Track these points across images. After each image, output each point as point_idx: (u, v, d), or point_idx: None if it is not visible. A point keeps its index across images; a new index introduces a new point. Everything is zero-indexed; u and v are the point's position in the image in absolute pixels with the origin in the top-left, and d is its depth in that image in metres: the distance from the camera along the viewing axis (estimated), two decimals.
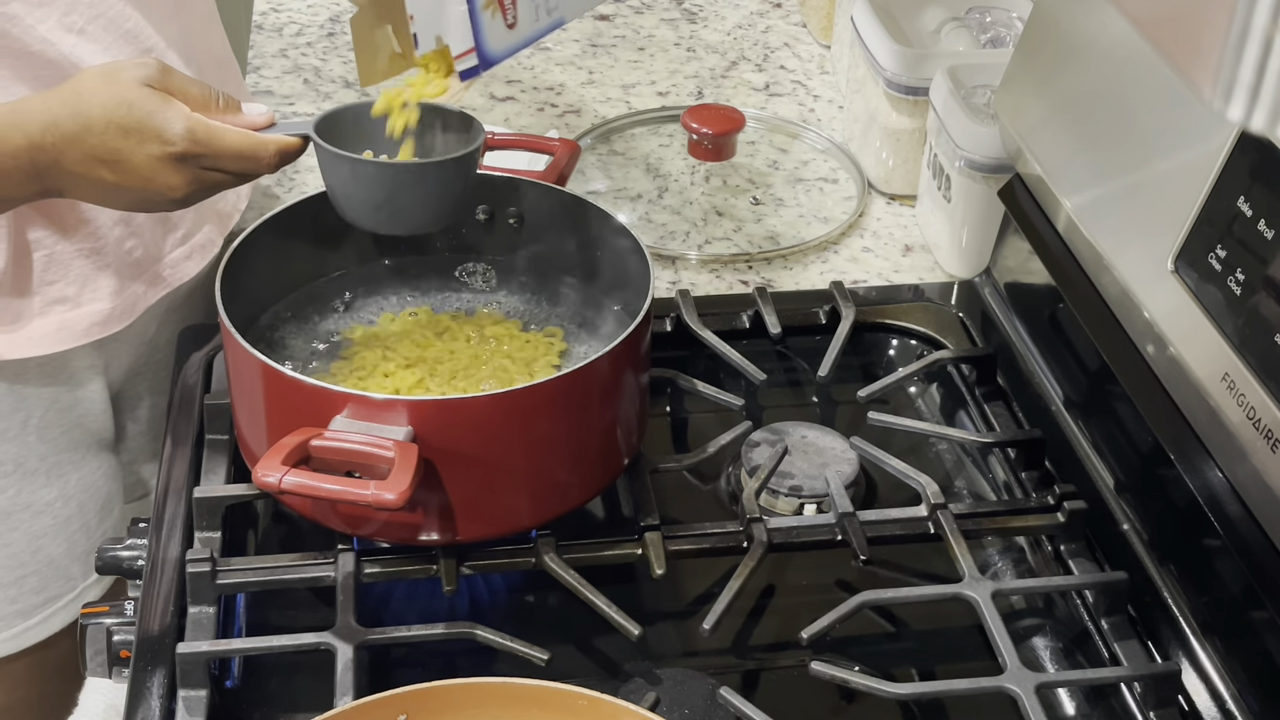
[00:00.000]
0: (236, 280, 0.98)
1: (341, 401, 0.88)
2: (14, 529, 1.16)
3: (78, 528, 1.19)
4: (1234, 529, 0.86)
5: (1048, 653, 0.98)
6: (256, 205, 1.37)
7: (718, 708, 0.89)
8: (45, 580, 1.19)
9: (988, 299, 1.21)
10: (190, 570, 0.93)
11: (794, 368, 1.20)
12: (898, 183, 1.41)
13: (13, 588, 1.18)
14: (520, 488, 0.93)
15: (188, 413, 1.09)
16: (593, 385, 0.93)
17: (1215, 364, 0.84)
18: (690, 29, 1.72)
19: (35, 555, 1.18)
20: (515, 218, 1.08)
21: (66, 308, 1.11)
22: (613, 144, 1.48)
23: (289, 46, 1.65)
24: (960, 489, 1.10)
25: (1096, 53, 1.01)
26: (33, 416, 1.14)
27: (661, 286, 1.27)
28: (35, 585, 1.19)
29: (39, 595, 1.19)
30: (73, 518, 1.19)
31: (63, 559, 1.19)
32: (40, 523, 1.17)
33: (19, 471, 1.15)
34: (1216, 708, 0.89)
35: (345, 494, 0.85)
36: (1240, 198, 0.83)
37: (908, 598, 0.96)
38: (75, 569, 1.20)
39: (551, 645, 0.90)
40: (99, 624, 0.99)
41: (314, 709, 0.82)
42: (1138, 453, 0.99)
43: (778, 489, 1.04)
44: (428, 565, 0.95)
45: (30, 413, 1.14)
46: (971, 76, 1.26)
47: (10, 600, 1.18)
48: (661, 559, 0.95)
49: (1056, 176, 1.04)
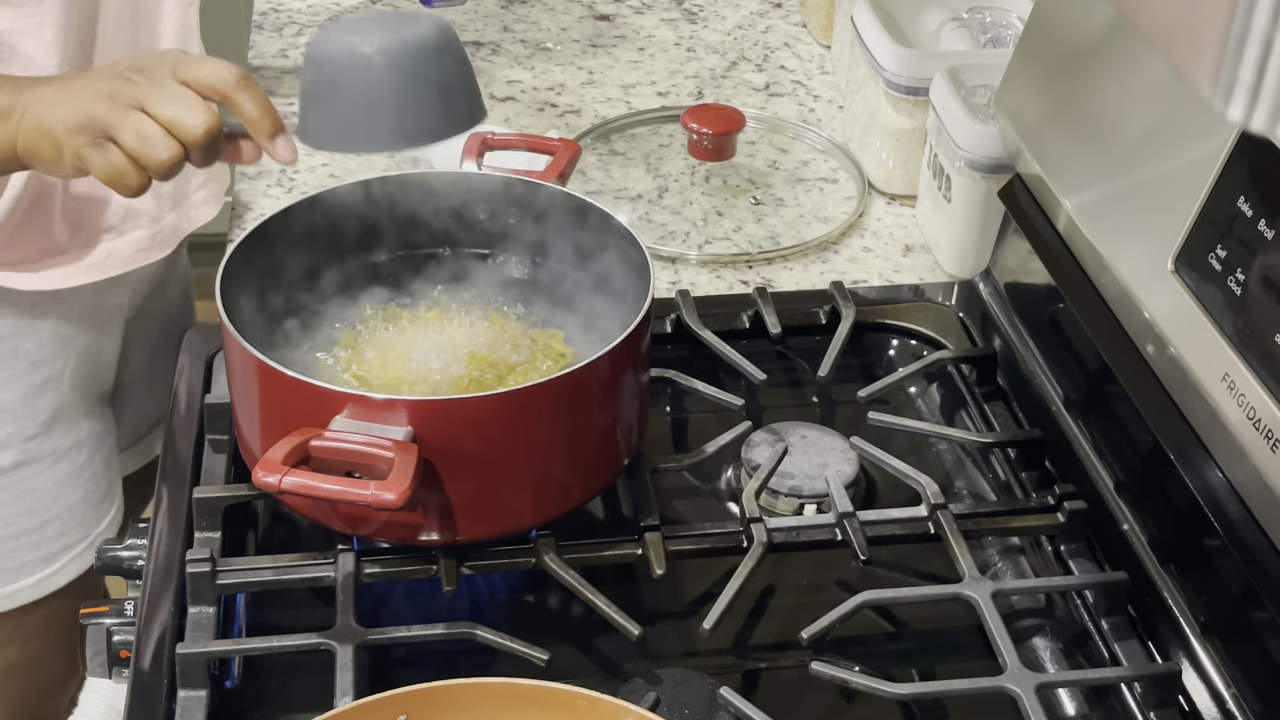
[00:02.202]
0: (236, 280, 0.98)
1: (341, 401, 0.88)
2: (39, 474, 1.22)
3: (89, 475, 1.26)
4: (1234, 529, 0.86)
5: (1048, 653, 0.98)
6: (256, 206, 1.37)
7: (718, 708, 0.89)
8: (65, 526, 1.25)
9: (988, 299, 1.21)
10: (190, 570, 0.93)
11: (794, 368, 1.20)
12: (898, 183, 1.41)
13: (37, 533, 1.24)
14: (520, 488, 0.93)
15: (188, 413, 1.09)
16: (593, 385, 0.93)
17: (1215, 364, 0.84)
18: (690, 29, 1.72)
19: (56, 501, 1.24)
20: (515, 218, 1.08)
21: (112, 236, 1.19)
22: (613, 144, 1.48)
23: (289, 46, 1.65)
24: (960, 489, 1.10)
25: (1096, 53, 1.01)
26: (69, 364, 1.22)
27: (661, 286, 1.27)
28: (56, 531, 1.25)
29: (59, 541, 1.25)
30: (85, 465, 1.26)
31: (80, 505, 1.26)
32: (60, 469, 1.23)
33: (52, 419, 1.22)
34: (1216, 708, 0.89)
35: (345, 494, 0.85)
36: (1240, 198, 0.83)
37: (908, 598, 0.96)
38: (90, 515, 1.27)
39: (551, 645, 0.90)
40: (99, 624, 0.99)
41: (314, 709, 0.82)
42: (1138, 453, 0.99)
43: (778, 489, 1.04)
44: (428, 565, 0.95)
45: (68, 360, 1.22)
46: (971, 76, 1.26)
47: (34, 546, 1.24)
48: (661, 559, 0.95)
49: (1056, 176, 1.04)
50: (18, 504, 1.23)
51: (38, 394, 1.20)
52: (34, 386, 1.20)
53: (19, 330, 1.18)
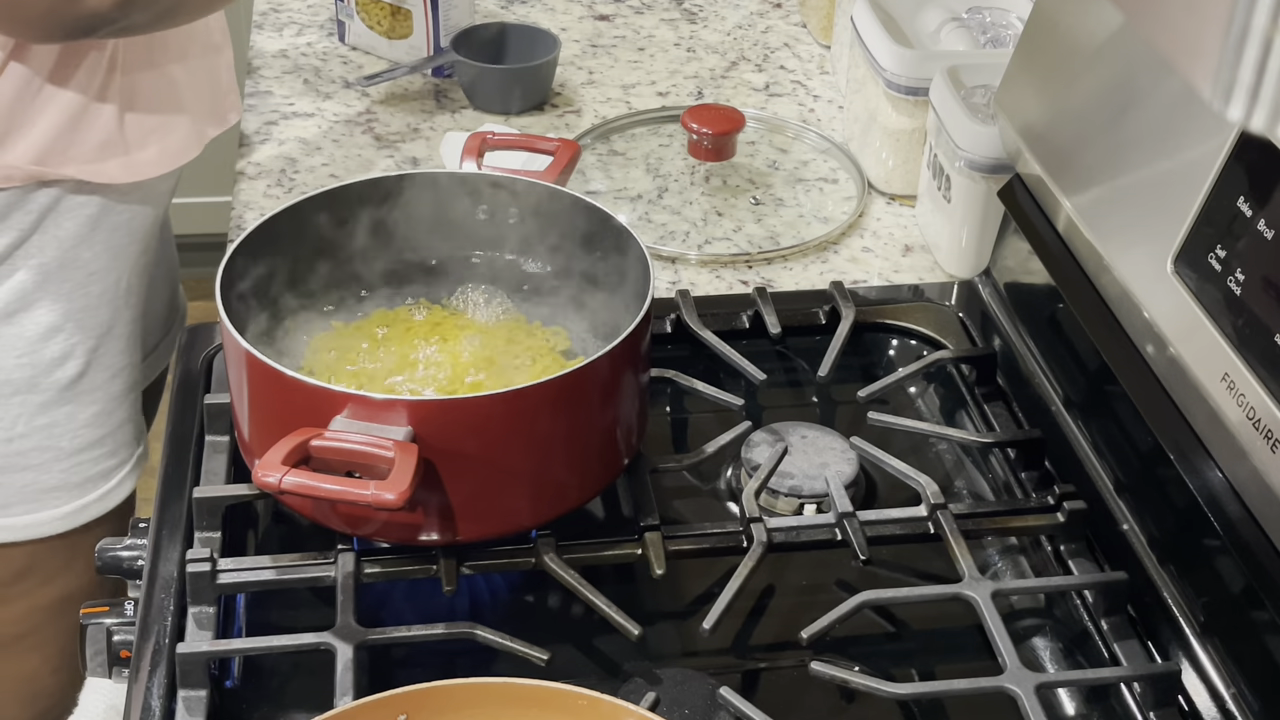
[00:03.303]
0: (236, 280, 0.98)
1: (341, 401, 0.88)
2: (99, 387, 1.27)
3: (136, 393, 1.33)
4: (1234, 529, 0.86)
5: (1048, 653, 0.98)
6: (256, 205, 1.37)
7: (718, 708, 0.89)
8: (118, 443, 1.30)
9: (988, 299, 1.21)
10: (190, 570, 0.93)
11: (794, 368, 1.20)
12: (898, 183, 1.41)
13: (96, 447, 1.28)
14: (520, 488, 0.93)
15: (188, 413, 1.09)
16: (593, 385, 0.93)
17: (1215, 364, 0.84)
18: (690, 29, 1.72)
19: (111, 416, 1.28)
20: (515, 218, 1.08)
21: (160, 134, 1.24)
22: (613, 144, 1.48)
23: (289, 46, 1.65)
24: (960, 489, 1.10)
25: (1096, 53, 1.01)
26: (123, 279, 1.26)
27: (661, 286, 1.27)
28: (111, 447, 1.29)
29: (114, 459, 1.30)
30: (136, 382, 1.32)
31: (128, 422, 1.31)
32: (116, 384, 1.28)
33: (109, 334, 1.26)
34: (1216, 708, 0.89)
35: (345, 494, 0.85)
36: (1240, 198, 0.83)
37: (908, 598, 0.96)
38: (134, 434, 1.32)
39: (551, 645, 0.90)
40: (99, 624, 0.99)
41: (314, 709, 0.82)
42: (1138, 453, 0.99)
43: (777, 489, 1.04)
44: (428, 565, 0.95)
45: (121, 275, 1.26)
46: (971, 76, 1.26)
47: (94, 461, 1.28)
48: (661, 559, 0.95)
49: (1056, 176, 1.04)
50: (81, 415, 1.26)
51: (97, 305, 1.25)
52: (93, 297, 1.24)
53: (79, 240, 1.21)
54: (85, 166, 1.19)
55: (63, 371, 1.24)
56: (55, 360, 1.24)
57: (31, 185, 1.17)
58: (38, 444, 1.25)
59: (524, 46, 1.56)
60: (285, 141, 1.47)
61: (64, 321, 1.23)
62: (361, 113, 1.52)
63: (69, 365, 1.24)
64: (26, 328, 1.22)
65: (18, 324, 1.21)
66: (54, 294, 1.22)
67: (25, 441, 1.25)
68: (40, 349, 1.23)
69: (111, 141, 1.20)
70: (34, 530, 1.28)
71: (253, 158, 1.45)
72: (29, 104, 1.15)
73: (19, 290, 1.20)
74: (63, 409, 1.25)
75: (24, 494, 1.27)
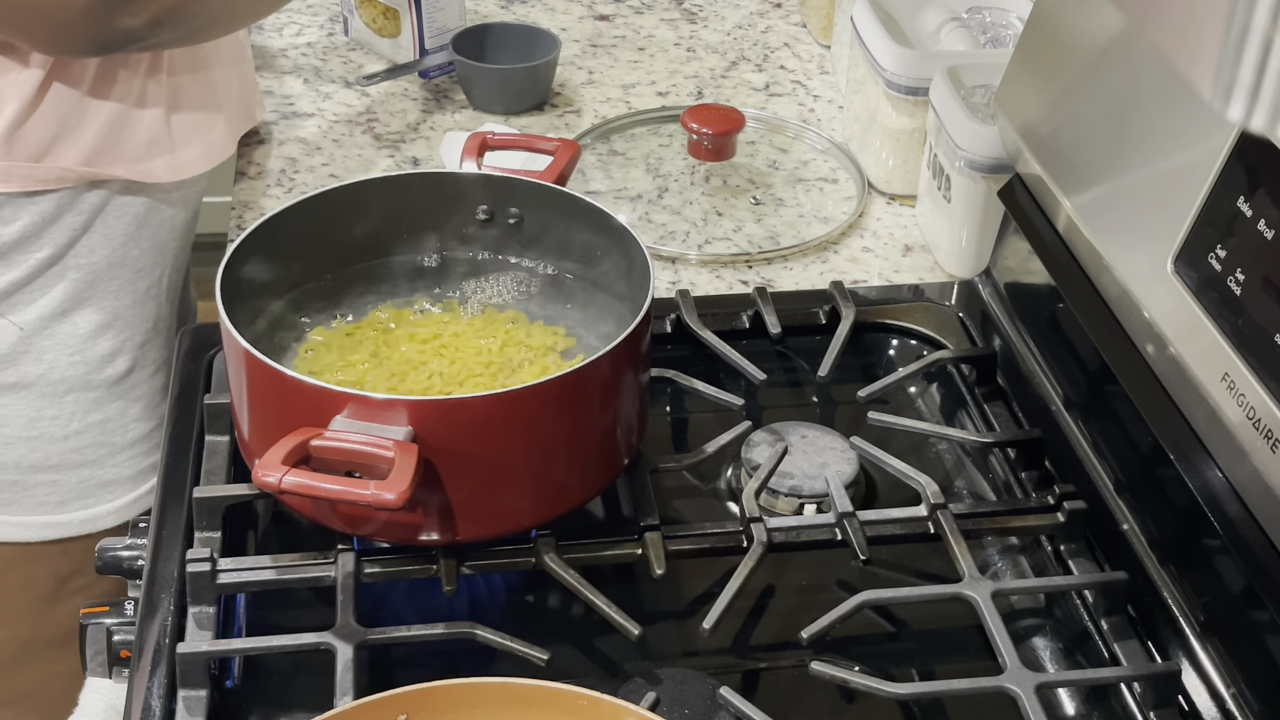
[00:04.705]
0: (236, 280, 0.98)
1: (341, 401, 0.88)
2: (144, 381, 1.30)
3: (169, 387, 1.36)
4: (1234, 529, 0.86)
5: (1048, 653, 0.98)
6: (256, 205, 1.37)
7: (718, 708, 0.89)
8: (152, 445, 1.32)
9: (988, 299, 1.21)
10: (190, 570, 0.93)
11: (794, 368, 1.20)
12: (898, 183, 1.41)
13: (146, 440, 1.32)
14: (520, 488, 0.93)
15: (188, 413, 1.09)
16: (593, 385, 0.93)
17: (1215, 364, 0.84)
18: (690, 29, 1.72)
19: (156, 409, 1.31)
20: (515, 218, 1.08)
21: (203, 133, 1.27)
22: (613, 144, 1.48)
23: (289, 46, 1.65)
24: (960, 489, 1.10)
25: (1096, 53, 1.01)
26: (165, 276, 1.29)
27: (661, 286, 1.27)
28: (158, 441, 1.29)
29: (148, 459, 1.32)
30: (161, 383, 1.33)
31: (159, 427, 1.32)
32: (159, 379, 1.31)
33: (154, 330, 1.30)
34: (1216, 708, 0.89)
35: (345, 494, 0.85)
36: (1240, 198, 0.83)
37: (908, 598, 0.96)
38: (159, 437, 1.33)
39: (551, 645, 0.90)
40: (99, 624, 0.99)
41: (314, 709, 0.82)
42: (1138, 453, 0.99)
43: (777, 489, 1.04)
44: (428, 565, 0.95)
45: (164, 271, 1.29)
46: (971, 76, 1.26)
47: (145, 454, 1.32)
48: (661, 559, 0.95)
49: (1056, 176, 1.04)
50: (131, 410, 1.30)
51: (143, 302, 1.28)
52: (140, 294, 1.27)
53: (127, 239, 1.24)
54: (134, 165, 1.22)
55: (113, 368, 1.28)
56: (105, 357, 1.27)
57: (82, 186, 1.20)
58: (93, 440, 1.29)
59: (524, 46, 1.56)
60: (285, 141, 1.47)
61: (113, 319, 1.26)
62: (361, 113, 1.52)
63: (119, 361, 1.28)
64: (79, 326, 1.25)
65: (70, 322, 1.24)
66: (103, 292, 1.25)
67: (81, 439, 1.28)
68: (91, 346, 1.26)
69: (158, 140, 1.23)
70: (91, 525, 1.31)
71: (253, 158, 1.45)
72: (75, 107, 1.18)
73: (71, 289, 1.23)
74: (114, 405, 1.29)
75: (80, 490, 1.30)
